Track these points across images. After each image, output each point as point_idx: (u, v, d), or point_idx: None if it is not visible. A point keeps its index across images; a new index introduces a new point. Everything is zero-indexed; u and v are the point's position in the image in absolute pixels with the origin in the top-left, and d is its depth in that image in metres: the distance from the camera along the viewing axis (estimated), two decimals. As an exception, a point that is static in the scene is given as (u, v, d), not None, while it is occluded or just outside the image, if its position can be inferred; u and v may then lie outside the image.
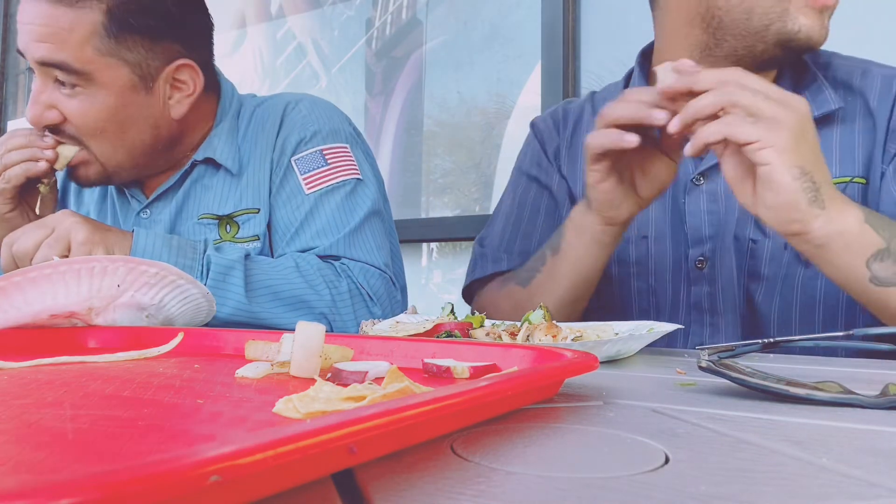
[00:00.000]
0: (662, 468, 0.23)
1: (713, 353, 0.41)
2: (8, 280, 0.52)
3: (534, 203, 1.01)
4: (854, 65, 0.87)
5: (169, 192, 0.96)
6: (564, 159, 1.00)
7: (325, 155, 0.93)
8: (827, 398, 0.35)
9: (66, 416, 0.27)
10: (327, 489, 0.20)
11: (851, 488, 0.21)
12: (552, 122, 1.04)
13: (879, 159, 0.80)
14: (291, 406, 0.27)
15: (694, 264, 0.86)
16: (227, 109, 0.98)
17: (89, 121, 0.85)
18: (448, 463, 0.23)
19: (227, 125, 0.96)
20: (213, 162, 0.94)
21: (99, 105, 0.85)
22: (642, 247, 0.90)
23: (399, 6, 1.95)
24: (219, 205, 0.93)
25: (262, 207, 0.92)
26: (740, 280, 0.84)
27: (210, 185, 0.95)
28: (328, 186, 0.92)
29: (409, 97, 1.91)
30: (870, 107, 0.83)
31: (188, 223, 0.94)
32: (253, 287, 0.83)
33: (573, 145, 1.00)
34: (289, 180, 0.92)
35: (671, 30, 0.88)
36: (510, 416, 0.31)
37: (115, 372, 0.40)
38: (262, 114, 0.98)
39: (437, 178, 1.86)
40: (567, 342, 0.54)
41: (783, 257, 0.81)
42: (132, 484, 0.13)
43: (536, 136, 1.04)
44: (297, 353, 0.39)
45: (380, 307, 0.90)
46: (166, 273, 0.59)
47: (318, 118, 0.96)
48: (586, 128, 1.00)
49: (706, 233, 0.86)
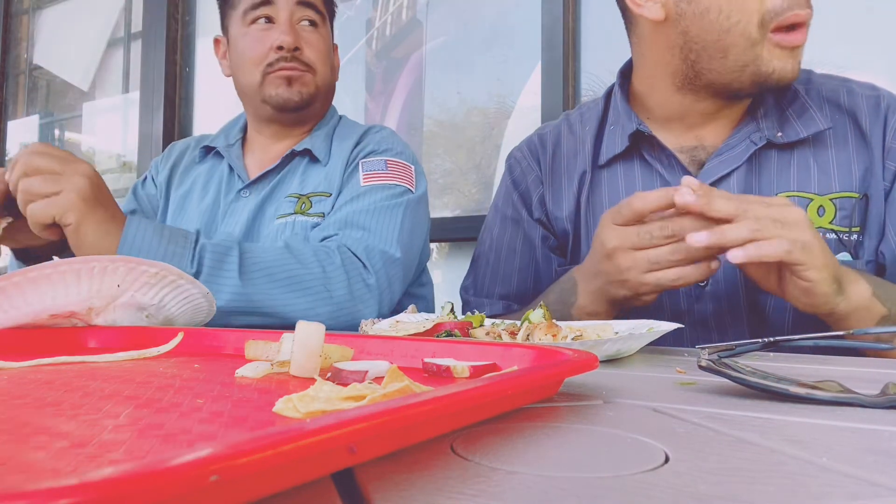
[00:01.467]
0: (662, 468, 0.23)
1: (713, 353, 0.41)
2: (8, 280, 0.52)
3: (509, 244, 1.02)
4: (837, 84, 0.89)
5: (268, 175, 1.12)
6: (548, 186, 1.00)
7: (388, 164, 1.08)
8: (827, 398, 0.35)
9: (66, 416, 0.27)
10: (327, 489, 0.20)
11: (851, 488, 0.21)
12: (529, 152, 1.04)
13: (880, 176, 0.83)
14: (291, 406, 0.27)
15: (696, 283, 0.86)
16: (330, 119, 1.18)
17: (322, 51, 1.13)
18: (448, 463, 0.23)
19: (327, 130, 1.16)
20: (309, 153, 1.12)
21: (326, 42, 1.15)
22: None
23: (399, 6, 1.95)
24: (303, 186, 1.10)
25: (333, 193, 1.07)
26: (747, 293, 0.84)
27: (301, 171, 1.11)
28: (381, 183, 1.05)
29: (409, 97, 1.91)
30: (860, 126, 0.85)
31: (276, 202, 1.09)
32: (247, 270, 0.85)
33: (555, 170, 1.00)
34: (353, 176, 1.07)
35: (651, 58, 0.89)
36: (510, 415, 0.31)
37: (115, 372, 0.40)
38: (351, 125, 1.18)
39: (437, 179, 1.86)
40: (567, 341, 0.54)
41: None
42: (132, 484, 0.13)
43: (511, 173, 1.05)
44: (297, 352, 0.39)
45: (374, 277, 0.93)
46: (166, 273, 0.59)
47: (393, 143, 1.13)
48: (566, 149, 1.00)
49: None
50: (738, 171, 0.86)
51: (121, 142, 2.58)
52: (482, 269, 1.04)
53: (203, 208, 1.13)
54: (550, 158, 1.01)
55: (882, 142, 0.84)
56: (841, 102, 0.87)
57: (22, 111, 2.91)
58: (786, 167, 0.85)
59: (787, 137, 0.85)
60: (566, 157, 1.00)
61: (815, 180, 0.84)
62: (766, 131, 0.86)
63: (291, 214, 1.06)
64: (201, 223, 1.11)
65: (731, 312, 0.85)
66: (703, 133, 0.91)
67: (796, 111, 0.87)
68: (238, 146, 1.18)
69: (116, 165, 2.60)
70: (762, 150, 0.86)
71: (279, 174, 1.12)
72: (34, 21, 2.88)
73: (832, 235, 0.82)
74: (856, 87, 0.88)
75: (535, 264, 1.00)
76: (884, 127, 0.84)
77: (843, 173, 0.84)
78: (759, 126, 0.87)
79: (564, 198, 0.98)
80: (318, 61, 1.11)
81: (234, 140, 1.19)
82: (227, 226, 1.09)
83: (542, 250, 0.99)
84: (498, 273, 1.02)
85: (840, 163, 0.84)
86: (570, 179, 0.98)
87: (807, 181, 0.84)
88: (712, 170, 0.86)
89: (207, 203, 1.13)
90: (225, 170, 1.17)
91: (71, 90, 2.77)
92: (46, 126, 2.84)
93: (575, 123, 1.02)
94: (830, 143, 0.85)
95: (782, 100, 0.88)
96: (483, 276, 1.03)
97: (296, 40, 1.08)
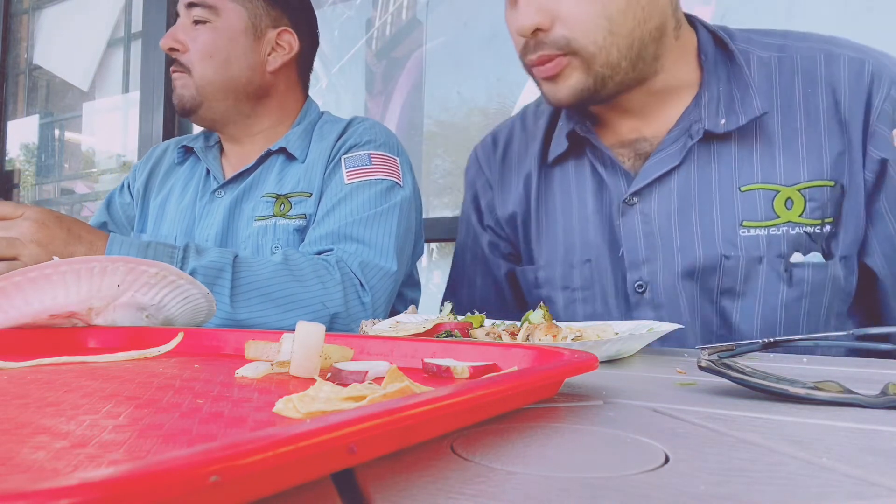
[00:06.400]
0: (662, 468, 0.23)
1: (713, 353, 0.41)
2: (8, 280, 0.52)
3: (472, 248, 1.02)
4: (815, 47, 0.79)
5: (243, 175, 1.10)
6: (498, 188, 0.98)
7: (372, 158, 1.04)
8: (827, 398, 0.35)
9: (66, 416, 0.27)
10: (327, 489, 0.20)
11: (851, 488, 0.21)
12: (482, 154, 1.03)
13: (859, 163, 0.75)
14: (291, 406, 0.27)
15: (634, 289, 0.82)
16: (307, 115, 1.14)
17: (205, 47, 1.05)
18: (448, 463, 0.23)
19: (304, 128, 1.12)
20: (285, 152, 1.09)
21: (216, 36, 1.06)
22: (586, 271, 0.87)
23: (399, 6, 1.95)
24: (280, 185, 1.07)
25: (314, 193, 1.04)
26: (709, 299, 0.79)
27: (277, 170, 1.09)
28: (366, 180, 1.01)
29: (409, 97, 1.91)
30: (837, 101, 0.76)
31: (252, 202, 1.07)
32: (240, 292, 0.83)
33: (504, 171, 0.98)
34: (335, 173, 1.04)
35: None
36: (510, 416, 0.31)
37: (115, 372, 0.40)
38: (332, 121, 1.14)
39: (437, 179, 1.86)
40: (567, 342, 0.54)
41: (759, 273, 0.77)
42: (132, 484, 0.13)
43: (466, 175, 1.05)
44: (297, 352, 0.39)
45: (370, 295, 0.92)
46: (166, 273, 0.59)
47: (376, 133, 1.08)
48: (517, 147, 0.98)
49: (642, 256, 0.82)
50: (679, 170, 0.80)
51: (121, 142, 2.58)
52: (454, 271, 1.05)
53: (181, 210, 1.11)
54: (501, 158, 0.99)
55: (863, 123, 0.74)
56: (817, 73, 0.77)
57: (22, 111, 2.90)
58: (747, 156, 0.78)
59: (728, 125, 0.78)
60: (517, 155, 0.97)
61: (780, 169, 0.76)
62: (705, 121, 0.79)
63: (271, 217, 1.03)
64: (180, 228, 1.10)
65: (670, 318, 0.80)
66: (642, 125, 0.85)
67: (741, 90, 0.79)
68: (217, 148, 1.16)
69: (116, 165, 2.60)
70: (715, 142, 0.79)
71: (253, 173, 1.10)
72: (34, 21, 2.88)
73: (800, 230, 0.75)
74: (836, 50, 0.78)
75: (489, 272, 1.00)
76: (866, 105, 0.74)
77: (812, 159, 0.75)
78: (700, 115, 0.80)
79: (513, 198, 0.95)
80: (196, 61, 1.05)
81: (213, 142, 1.17)
82: (203, 228, 1.07)
83: (492, 259, 0.99)
84: (464, 277, 1.03)
85: (810, 147, 0.76)
86: (518, 178, 0.95)
87: (771, 170, 0.76)
88: (649, 170, 0.81)
89: (185, 205, 1.12)
90: (203, 172, 1.15)
91: (71, 90, 2.76)
92: (46, 126, 2.84)
93: (529, 118, 0.99)
94: (801, 124, 0.76)
95: (730, 72, 0.80)
96: (455, 278, 1.04)
97: (169, 41, 1.06)
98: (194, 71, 1.06)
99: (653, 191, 0.82)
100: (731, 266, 0.77)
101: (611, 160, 0.85)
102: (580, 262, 0.87)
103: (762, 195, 0.77)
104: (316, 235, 0.98)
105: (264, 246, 1.01)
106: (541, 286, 0.92)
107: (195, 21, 1.06)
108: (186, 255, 0.83)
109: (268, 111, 1.12)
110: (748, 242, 0.77)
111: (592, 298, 0.87)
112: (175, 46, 1.06)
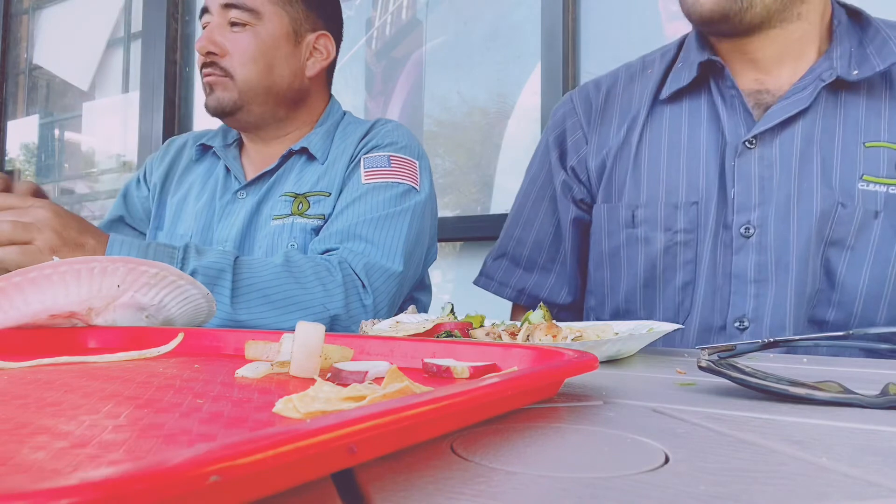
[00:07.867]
0: (662, 468, 0.23)
1: (713, 353, 0.41)
2: (8, 280, 0.52)
3: (542, 188, 1.01)
4: None
5: (265, 175, 1.09)
6: (596, 126, 0.96)
7: (391, 160, 1.04)
8: (827, 398, 0.35)
9: (66, 416, 0.27)
10: (327, 489, 0.20)
11: (851, 488, 0.21)
12: (579, 97, 1.01)
13: None
14: (291, 406, 0.27)
15: (740, 232, 0.81)
16: (330, 116, 1.14)
17: (247, 52, 1.04)
18: (448, 463, 0.23)
19: (327, 128, 1.11)
20: (306, 152, 1.08)
21: (259, 41, 1.05)
22: (692, 213, 0.85)
23: (399, 6, 1.95)
24: (299, 185, 1.06)
25: (333, 192, 1.04)
26: (816, 249, 0.78)
27: (297, 169, 1.08)
28: (383, 182, 1.01)
29: (409, 97, 1.91)
30: None
31: (272, 201, 1.06)
32: (241, 293, 0.83)
33: (606, 109, 0.96)
34: (354, 173, 1.04)
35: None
36: (510, 416, 0.31)
37: (115, 372, 0.40)
38: (356, 122, 1.14)
39: (437, 179, 1.86)
40: (567, 342, 0.54)
41: (874, 228, 0.76)
42: (132, 484, 0.13)
43: (554, 117, 1.02)
44: (297, 352, 0.39)
45: (372, 297, 0.91)
46: (166, 273, 0.59)
47: (398, 136, 1.08)
48: (621, 89, 0.96)
49: (756, 199, 0.81)
50: (805, 116, 0.79)
51: (120, 142, 2.58)
52: (512, 214, 1.04)
53: (199, 210, 1.10)
54: (603, 100, 0.97)
55: None
56: None
57: (22, 111, 2.90)
58: (874, 113, 0.77)
59: (862, 73, 0.77)
60: (621, 98, 0.96)
61: None
62: (838, 69, 0.78)
63: (289, 216, 1.03)
64: (197, 226, 1.09)
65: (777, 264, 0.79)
66: (767, 78, 0.85)
67: (877, 46, 0.79)
68: (235, 146, 1.15)
69: (116, 165, 2.60)
70: (843, 93, 0.79)
71: (276, 174, 1.09)
72: (34, 21, 2.88)
73: None
74: None
75: (554, 212, 0.98)
76: None
77: None
78: (832, 65, 0.79)
79: (609, 139, 0.94)
80: (239, 65, 1.04)
81: (231, 140, 1.16)
82: (222, 228, 1.06)
83: (562, 200, 0.97)
84: (522, 217, 1.01)
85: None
86: (621, 119, 0.94)
87: None
88: (775, 113, 0.80)
89: (203, 205, 1.10)
90: (222, 170, 1.14)
91: (71, 90, 2.77)
92: (46, 126, 2.84)
93: (635, 67, 0.98)
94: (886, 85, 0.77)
95: (864, 37, 0.81)
96: (512, 222, 1.03)
97: (208, 45, 1.04)
98: (237, 75, 1.04)
99: (775, 135, 0.81)
100: (846, 215, 0.77)
101: (739, 97, 0.84)
102: (685, 204, 0.86)
103: (887, 153, 0.77)
104: (326, 233, 0.98)
105: (280, 244, 1.00)
106: (638, 225, 0.89)
107: (232, 23, 1.04)
108: (187, 256, 0.83)
109: (300, 114, 1.13)
110: (866, 196, 0.76)
111: (695, 242, 0.85)
112: (213, 50, 1.04)
